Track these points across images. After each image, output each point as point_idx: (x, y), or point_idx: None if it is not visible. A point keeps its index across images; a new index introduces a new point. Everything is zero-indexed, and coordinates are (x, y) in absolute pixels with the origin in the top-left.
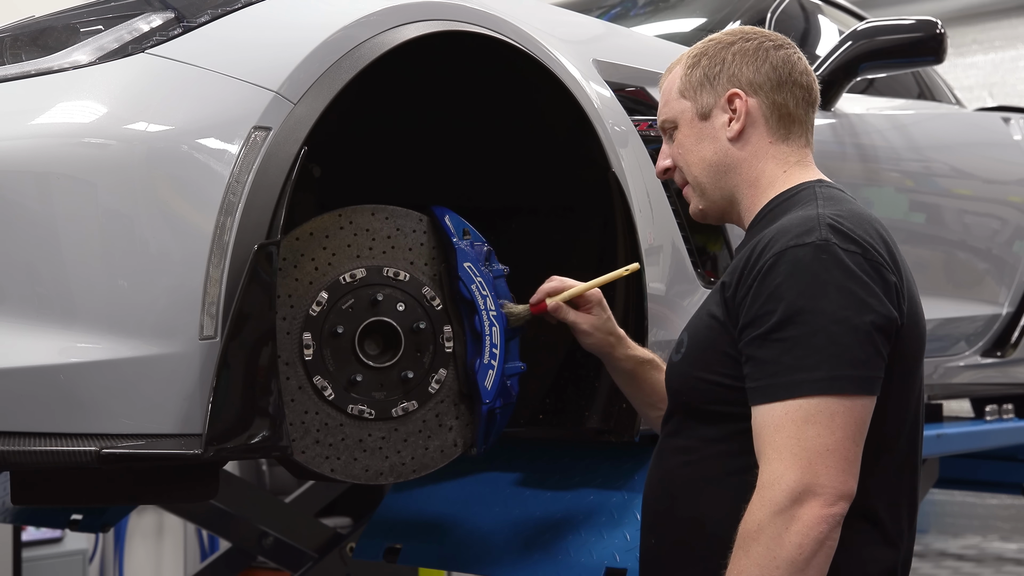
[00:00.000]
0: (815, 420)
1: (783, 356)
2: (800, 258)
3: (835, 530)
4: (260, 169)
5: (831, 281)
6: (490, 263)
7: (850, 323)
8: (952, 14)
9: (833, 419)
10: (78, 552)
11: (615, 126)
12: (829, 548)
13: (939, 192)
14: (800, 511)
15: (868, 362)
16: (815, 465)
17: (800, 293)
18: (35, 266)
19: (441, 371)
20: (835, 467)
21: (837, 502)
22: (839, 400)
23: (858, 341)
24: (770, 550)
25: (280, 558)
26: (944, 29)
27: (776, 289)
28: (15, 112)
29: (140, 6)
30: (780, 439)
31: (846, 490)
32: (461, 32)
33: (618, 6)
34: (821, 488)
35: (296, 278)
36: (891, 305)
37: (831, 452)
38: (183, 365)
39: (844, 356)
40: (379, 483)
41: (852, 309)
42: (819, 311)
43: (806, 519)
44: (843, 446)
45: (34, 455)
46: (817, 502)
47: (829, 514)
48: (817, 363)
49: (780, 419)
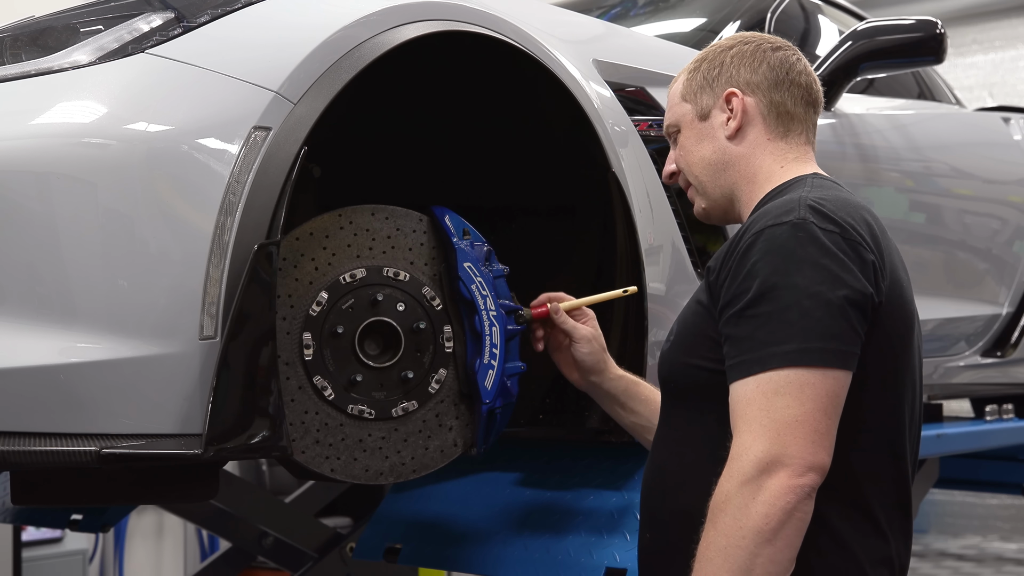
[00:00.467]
0: (784, 392)
1: (756, 332)
2: (777, 236)
3: (804, 502)
4: (260, 169)
5: (806, 258)
6: (490, 263)
7: (823, 297)
8: (952, 14)
9: (803, 390)
10: (78, 552)
11: (615, 126)
12: (799, 520)
13: (939, 192)
14: (767, 481)
15: (840, 335)
16: (783, 436)
17: (775, 270)
18: (35, 266)
19: (441, 371)
20: (804, 438)
21: (805, 473)
22: (809, 371)
23: (830, 314)
24: (736, 520)
25: (280, 558)
26: (944, 29)
27: (752, 267)
28: (15, 112)
29: (140, 6)
30: (751, 412)
31: (816, 461)
32: (461, 32)
33: (618, 6)
34: (789, 459)
35: (296, 278)
36: (867, 282)
37: (800, 423)
38: (183, 365)
39: (815, 329)
40: (379, 483)
41: (826, 284)
42: (792, 286)
43: (773, 489)
44: (813, 417)
45: (34, 455)
46: (785, 473)
47: (797, 485)
48: (788, 336)
49: (751, 393)
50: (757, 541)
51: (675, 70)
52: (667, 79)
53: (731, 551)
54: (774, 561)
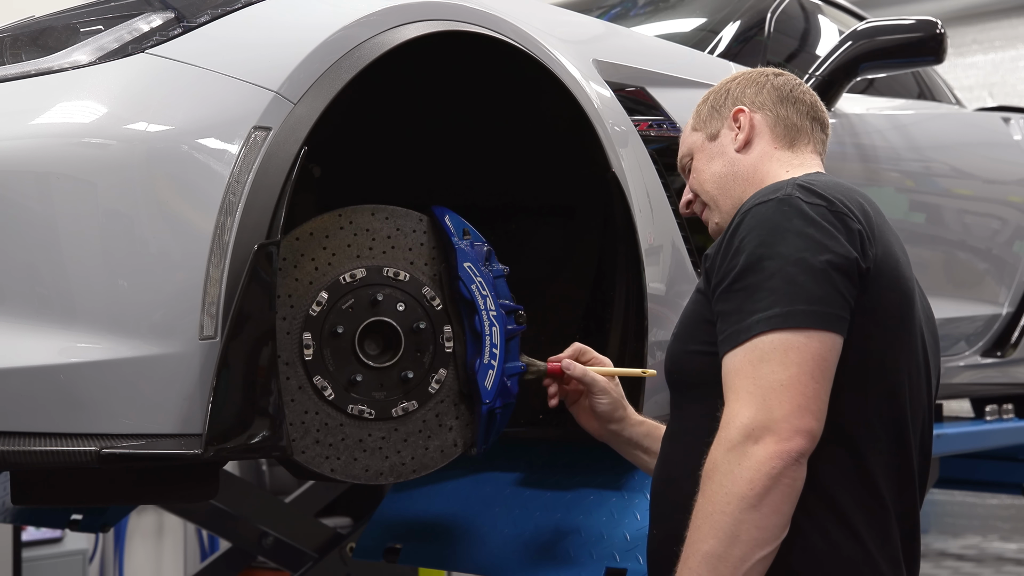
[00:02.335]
0: (769, 357)
1: (743, 303)
2: (763, 212)
3: (792, 467)
4: (260, 169)
5: (790, 228)
6: (490, 263)
7: (806, 263)
8: (952, 14)
9: (787, 354)
10: (78, 552)
11: (615, 126)
12: (787, 486)
13: (939, 192)
14: (753, 447)
15: (825, 298)
16: (769, 401)
17: (760, 243)
18: (35, 266)
19: (441, 371)
20: (790, 402)
21: (792, 438)
22: (793, 334)
23: (814, 278)
24: (722, 486)
25: (280, 558)
26: (944, 29)
27: (740, 244)
28: (15, 112)
29: (140, 6)
30: (738, 381)
31: (803, 426)
32: (461, 32)
33: (618, 6)
34: (775, 424)
35: (296, 278)
36: (852, 248)
37: (785, 387)
38: (183, 365)
39: (799, 293)
40: (379, 483)
41: (809, 250)
42: (776, 256)
43: (759, 455)
44: (799, 381)
45: (34, 455)
46: (771, 438)
47: (783, 450)
48: (773, 302)
49: (739, 362)
50: (742, 507)
51: (675, 70)
52: (667, 79)
53: (716, 517)
54: (760, 527)
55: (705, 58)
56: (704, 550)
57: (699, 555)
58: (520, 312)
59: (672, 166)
